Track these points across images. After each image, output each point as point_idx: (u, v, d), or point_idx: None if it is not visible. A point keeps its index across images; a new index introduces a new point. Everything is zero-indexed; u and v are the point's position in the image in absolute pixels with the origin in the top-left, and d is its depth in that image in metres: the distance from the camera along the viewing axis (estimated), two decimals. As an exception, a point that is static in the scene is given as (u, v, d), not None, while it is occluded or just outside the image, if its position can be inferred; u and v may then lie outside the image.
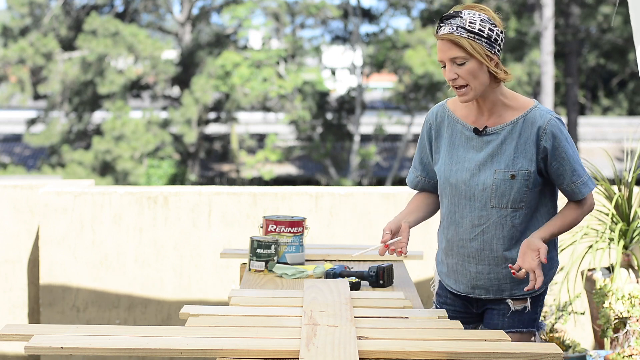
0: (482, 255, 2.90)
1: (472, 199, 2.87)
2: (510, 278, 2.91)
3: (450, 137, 2.93)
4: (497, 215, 2.86)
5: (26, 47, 20.21)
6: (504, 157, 2.84)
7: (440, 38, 2.78)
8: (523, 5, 20.68)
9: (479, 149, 2.87)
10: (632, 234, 4.31)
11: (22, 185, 5.23)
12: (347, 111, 22.13)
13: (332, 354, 2.24)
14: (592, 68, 27.02)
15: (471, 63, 2.76)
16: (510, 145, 2.84)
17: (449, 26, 2.76)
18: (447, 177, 2.91)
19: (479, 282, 2.93)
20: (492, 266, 2.90)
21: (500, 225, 2.86)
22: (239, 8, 21.37)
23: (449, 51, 2.76)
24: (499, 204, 2.84)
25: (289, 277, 3.35)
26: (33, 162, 22.78)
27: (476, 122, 2.89)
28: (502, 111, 2.86)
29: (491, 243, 2.88)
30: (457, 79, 2.78)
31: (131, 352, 2.32)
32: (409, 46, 20.86)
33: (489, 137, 2.86)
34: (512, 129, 2.84)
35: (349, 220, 5.13)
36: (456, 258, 2.95)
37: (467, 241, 2.90)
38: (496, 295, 2.94)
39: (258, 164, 21.49)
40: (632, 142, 4.64)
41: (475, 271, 2.92)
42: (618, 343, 4.05)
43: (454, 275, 2.98)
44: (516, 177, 2.82)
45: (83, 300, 5.14)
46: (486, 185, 2.84)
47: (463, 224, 2.90)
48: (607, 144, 22.11)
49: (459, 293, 2.99)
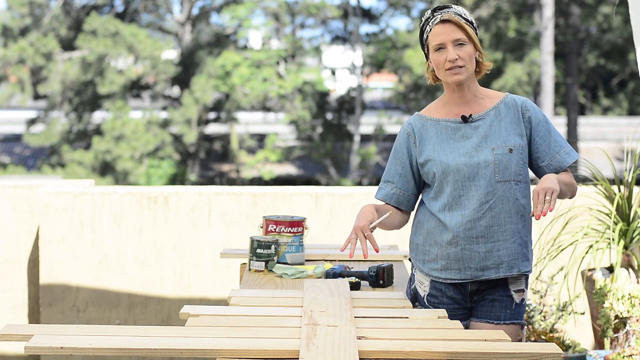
0: (491, 231, 2.96)
1: (477, 177, 2.96)
2: (520, 254, 2.99)
3: (436, 134, 3.02)
4: (503, 189, 2.96)
5: (26, 47, 20.21)
6: (498, 135, 2.98)
7: (445, 20, 2.94)
8: (523, 5, 20.68)
9: (469, 135, 3.00)
10: (632, 234, 4.31)
11: (22, 185, 5.23)
12: (347, 111, 22.14)
13: (332, 354, 2.24)
14: (592, 68, 27.02)
15: (469, 47, 2.96)
16: (500, 125, 3.00)
17: (448, 12, 2.95)
18: (447, 164, 2.98)
19: (488, 262, 2.97)
20: (501, 242, 2.97)
21: (506, 199, 2.97)
22: (239, 8, 21.37)
23: (452, 33, 2.94)
24: (503, 177, 2.96)
25: (289, 277, 3.35)
26: (33, 162, 22.78)
27: (457, 115, 3.03)
28: (480, 101, 3.04)
29: (499, 218, 2.96)
30: (458, 59, 2.93)
31: (131, 352, 2.32)
32: (409, 46, 20.87)
33: (476, 123, 3.01)
34: (496, 113, 3.01)
35: (349, 220, 5.13)
36: (462, 244, 2.97)
37: (475, 221, 2.96)
38: (506, 272, 2.98)
39: (258, 164, 21.49)
40: (632, 142, 4.64)
41: (485, 250, 2.97)
42: (618, 343, 4.05)
43: (458, 264, 2.99)
44: (513, 151, 2.97)
45: (83, 300, 5.14)
46: (488, 161, 2.96)
47: (469, 206, 2.96)
48: (607, 144, 22.11)
49: (465, 280, 3.00)
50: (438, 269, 3.02)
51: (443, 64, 2.95)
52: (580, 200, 4.82)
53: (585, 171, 4.56)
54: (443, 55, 2.94)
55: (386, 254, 3.84)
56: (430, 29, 2.97)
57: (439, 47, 2.95)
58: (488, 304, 3.03)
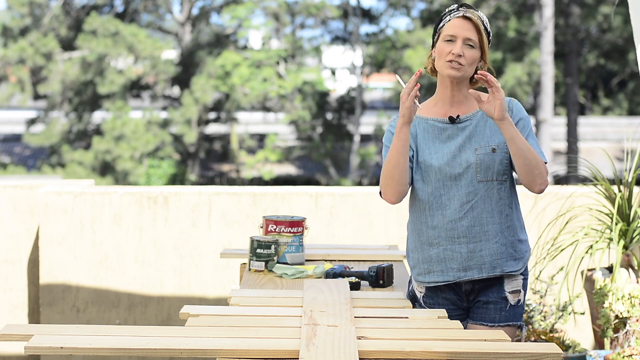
0: (473, 232, 2.96)
1: (458, 177, 2.97)
2: (503, 254, 2.97)
3: (423, 133, 3.04)
4: (485, 188, 2.96)
5: (26, 47, 20.21)
6: (482, 136, 2.99)
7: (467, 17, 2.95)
8: (523, 5, 20.68)
9: (454, 136, 3.00)
10: (632, 234, 4.31)
11: (22, 185, 5.23)
12: (347, 111, 22.13)
13: (332, 354, 2.24)
14: (592, 68, 27.01)
15: (477, 52, 2.97)
16: (485, 125, 3.00)
17: (473, 12, 2.97)
18: (429, 164, 2.99)
19: (471, 262, 2.97)
20: (483, 242, 2.96)
21: (488, 199, 2.96)
22: (239, 8, 21.36)
23: (468, 31, 2.95)
24: (485, 177, 2.96)
25: (289, 277, 3.35)
26: (33, 162, 22.77)
27: (446, 115, 3.04)
28: (470, 102, 3.04)
29: (480, 218, 2.96)
30: (462, 57, 2.94)
31: (131, 352, 2.32)
32: (409, 46, 20.86)
33: (463, 123, 3.01)
34: (483, 114, 3.01)
35: (349, 220, 5.13)
36: (444, 244, 2.98)
37: (457, 221, 2.96)
38: (489, 273, 2.98)
39: (258, 164, 21.49)
40: (632, 142, 4.64)
41: (467, 250, 2.97)
42: (618, 343, 4.05)
43: (440, 266, 3.00)
44: (497, 151, 2.97)
45: (83, 300, 5.14)
46: (470, 162, 2.97)
47: (451, 206, 2.97)
48: (607, 144, 22.09)
49: (448, 282, 3.00)
50: (422, 274, 3.04)
51: (447, 54, 2.96)
52: (580, 200, 4.82)
53: (585, 171, 4.57)
54: (450, 47, 2.95)
55: (386, 254, 3.85)
56: (449, 19, 2.98)
57: (449, 39, 2.96)
58: (482, 306, 3.03)
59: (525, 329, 3.11)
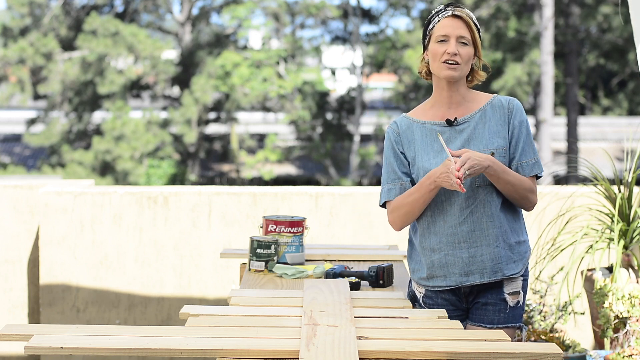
0: (474, 236, 2.95)
1: None
2: (503, 257, 2.96)
3: (421, 137, 3.01)
4: (484, 193, 2.95)
5: (26, 47, 20.20)
6: (480, 139, 2.97)
7: (456, 16, 2.95)
8: (523, 5, 20.67)
9: (453, 139, 2.98)
10: (632, 234, 4.31)
11: (22, 185, 5.23)
12: (347, 111, 22.13)
13: (332, 354, 2.24)
14: (592, 68, 27.01)
15: (470, 49, 2.96)
16: (484, 129, 2.98)
17: (461, 9, 2.96)
18: (428, 169, 2.96)
19: (472, 267, 2.97)
20: (484, 247, 2.95)
21: (488, 203, 2.95)
22: (239, 8, 21.36)
23: (460, 29, 2.94)
24: (484, 181, 2.95)
25: (289, 277, 3.35)
26: (33, 162, 22.77)
27: (443, 118, 3.01)
28: (468, 104, 3.01)
29: (481, 222, 2.95)
30: (457, 55, 2.93)
31: (131, 352, 2.32)
32: (409, 46, 20.86)
33: (461, 126, 2.99)
34: (482, 116, 2.99)
35: (349, 220, 5.13)
36: (445, 250, 2.97)
37: (457, 226, 2.95)
38: (491, 277, 2.97)
39: (258, 164, 21.49)
40: (632, 142, 4.64)
41: (468, 255, 2.96)
42: (618, 343, 4.05)
43: (442, 271, 2.99)
44: (495, 154, 2.95)
45: (83, 300, 5.14)
46: None
47: (451, 211, 2.96)
48: (607, 144, 22.09)
49: (450, 287, 3.00)
50: (425, 278, 3.04)
51: (441, 55, 2.93)
52: (580, 200, 4.82)
53: (585, 171, 4.57)
54: (444, 47, 2.93)
55: (386, 254, 3.84)
56: (439, 20, 2.97)
57: (442, 39, 2.94)
58: (481, 308, 3.02)
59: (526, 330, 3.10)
